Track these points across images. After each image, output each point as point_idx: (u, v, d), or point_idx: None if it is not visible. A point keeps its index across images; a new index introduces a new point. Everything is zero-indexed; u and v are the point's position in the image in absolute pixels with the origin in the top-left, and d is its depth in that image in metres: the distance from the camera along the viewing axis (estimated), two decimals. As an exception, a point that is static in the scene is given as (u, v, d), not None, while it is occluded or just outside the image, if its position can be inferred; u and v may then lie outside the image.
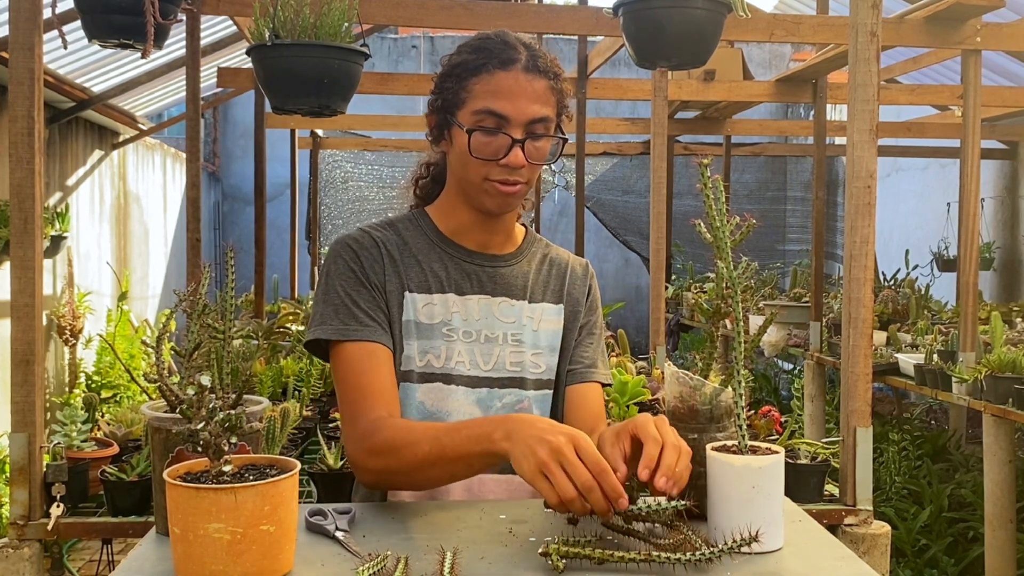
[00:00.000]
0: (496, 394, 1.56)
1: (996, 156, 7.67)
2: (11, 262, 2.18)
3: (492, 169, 1.51)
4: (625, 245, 10.40)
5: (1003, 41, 4.40)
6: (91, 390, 5.90)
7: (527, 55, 1.53)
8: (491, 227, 1.61)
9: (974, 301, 4.23)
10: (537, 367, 1.59)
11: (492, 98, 1.49)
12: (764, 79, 6.84)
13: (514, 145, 1.49)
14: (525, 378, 1.58)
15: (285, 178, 7.48)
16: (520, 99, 1.50)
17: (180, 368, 1.34)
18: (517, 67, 1.51)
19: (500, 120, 1.49)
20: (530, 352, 1.59)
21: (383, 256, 1.57)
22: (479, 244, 1.62)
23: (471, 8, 3.43)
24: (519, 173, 1.52)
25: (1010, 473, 3.90)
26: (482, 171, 1.52)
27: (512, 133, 1.49)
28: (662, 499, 1.21)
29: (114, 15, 2.74)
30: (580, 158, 5.24)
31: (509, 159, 1.49)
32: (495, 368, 1.57)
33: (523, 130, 1.50)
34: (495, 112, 1.49)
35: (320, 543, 1.24)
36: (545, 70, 1.53)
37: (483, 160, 1.51)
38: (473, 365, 1.56)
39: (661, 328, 3.88)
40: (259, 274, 5.34)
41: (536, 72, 1.52)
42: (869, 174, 2.16)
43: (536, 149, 1.53)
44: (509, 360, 1.58)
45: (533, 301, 1.63)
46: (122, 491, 2.25)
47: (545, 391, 1.60)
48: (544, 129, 1.52)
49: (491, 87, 1.50)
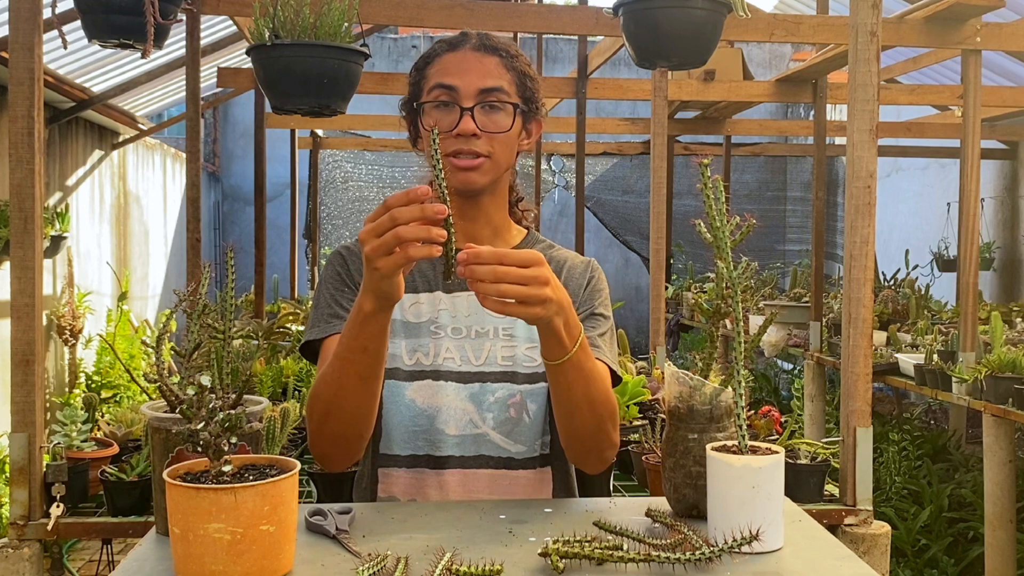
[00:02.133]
0: (488, 388, 1.55)
1: (996, 156, 7.67)
2: (11, 262, 2.18)
3: (448, 143, 1.53)
4: (625, 245, 10.41)
5: (1003, 41, 4.40)
6: (91, 390, 5.90)
7: (477, 38, 1.59)
8: (470, 215, 1.61)
9: (974, 301, 4.23)
10: (532, 360, 1.58)
11: (442, 74, 1.56)
12: (764, 79, 6.84)
13: (464, 114, 1.52)
14: (517, 372, 1.57)
15: (285, 178, 7.49)
16: (468, 73, 1.55)
17: (180, 368, 1.34)
18: (466, 47, 1.58)
19: (451, 93, 1.54)
20: (524, 346, 1.59)
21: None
22: (465, 237, 1.62)
23: (471, 8, 3.43)
24: (476, 145, 1.53)
25: (1010, 473, 3.90)
26: (440, 148, 1.54)
27: (462, 103, 1.53)
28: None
29: (114, 15, 2.74)
30: (580, 158, 5.24)
31: (460, 127, 1.52)
32: (486, 363, 1.57)
33: (473, 99, 1.53)
34: (445, 85, 1.54)
35: (320, 543, 1.24)
36: (496, 48, 1.58)
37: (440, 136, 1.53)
38: (464, 361, 1.56)
39: (661, 328, 3.88)
40: (259, 274, 5.34)
41: (485, 50, 1.58)
42: (869, 174, 2.16)
43: (491, 120, 1.54)
44: (501, 355, 1.58)
45: None
46: (122, 491, 2.25)
47: (541, 384, 1.58)
48: (497, 99, 1.55)
49: (441, 66, 1.57)
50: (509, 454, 1.55)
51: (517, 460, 1.56)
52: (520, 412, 1.55)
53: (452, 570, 1.08)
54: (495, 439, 1.55)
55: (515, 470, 1.56)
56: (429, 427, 1.53)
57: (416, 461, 1.55)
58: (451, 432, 1.53)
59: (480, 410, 1.54)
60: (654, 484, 2.32)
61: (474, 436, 1.54)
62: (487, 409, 1.55)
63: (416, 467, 1.55)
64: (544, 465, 1.59)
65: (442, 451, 1.54)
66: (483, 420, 1.54)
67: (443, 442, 1.53)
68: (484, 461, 1.55)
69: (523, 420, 1.55)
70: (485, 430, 1.54)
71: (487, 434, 1.54)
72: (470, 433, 1.54)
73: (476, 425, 1.54)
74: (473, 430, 1.54)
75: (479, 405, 1.55)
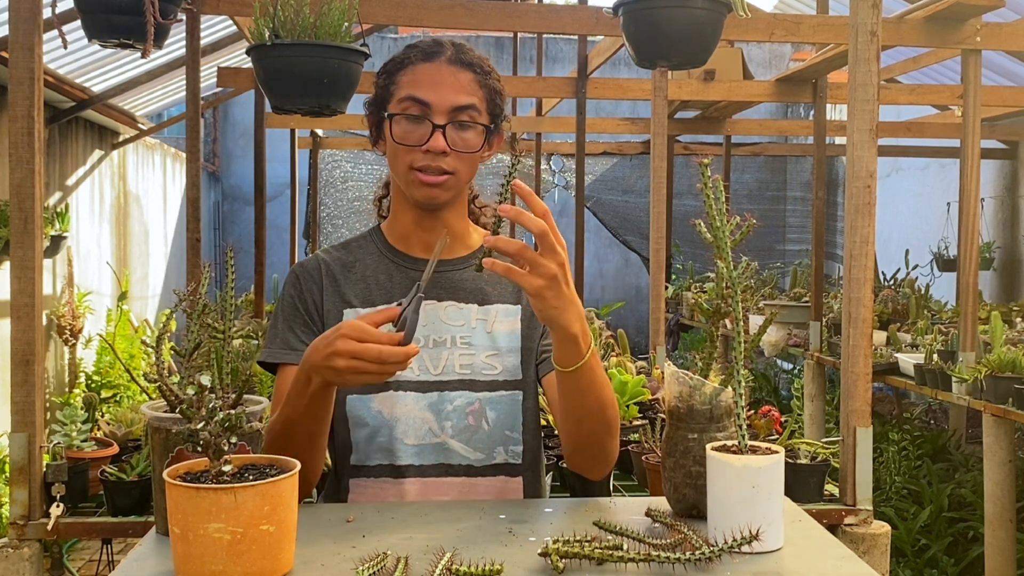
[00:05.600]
0: (447, 397, 1.56)
1: (996, 156, 7.67)
2: (11, 262, 2.18)
3: (416, 157, 1.53)
4: (625, 245, 10.40)
5: (1003, 41, 4.40)
6: (91, 390, 5.90)
7: (453, 50, 1.57)
8: (432, 227, 1.61)
9: (974, 301, 4.23)
10: (492, 368, 1.58)
11: (416, 86, 1.54)
12: (764, 79, 6.84)
13: (435, 130, 1.51)
14: (476, 380, 1.57)
15: (285, 178, 7.48)
16: (442, 88, 1.53)
17: (180, 368, 1.34)
18: (441, 59, 1.56)
19: (423, 107, 1.52)
20: (483, 354, 1.58)
21: (322, 277, 1.62)
22: (424, 249, 1.62)
23: (471, 8, 3.43)
24: (444, 162, 1.53)
25: (1010, 473, 3.90)
26: (407, 159, 1.54)
27: (435, 120, 1.52)
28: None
29: (114, 15, 2.74)
30: (580, 158, 5.24)
31: (430, 144, 1.51)
32: (444, 372, 1.57)
33: (446, 117, 1.52)
34: (418, 99, 1.53)
35: (320, 543, 1.24)
36: (471, 63, 1.57)
37: (408, 148, 1.53)
38: (423, 370, 1.56)
39: (661, 328, 3.88)
40: (259, 274, 5.34)
41: (460, 64, 1.56)
42: (869, 174, 2.16)
43: (461, 138, 1.54)
44: (458, 363, 1.57)
45: (485, 303, 1.62)
46: (122, 491, 2.25)
47: (502, 392, 1.57)
48: (469, 118, 1.54)
49: (415, 76, 1.55)
50: (469, 462, 1.55)
51: (476, 468, 1.56)
52: (479, 420, 1.55)
53: (452, 570, 1.08)
54: (455, 447, 1.55)
55: (475, 477, 1.56)
56: (390, 437, 1.54)
57: (381, 471, 1.55)
58: (409, 442, 1.54)
59: (439, 419, 1.55)
60: (654, 484, 2.32)
61: (433, 445, 1.54)
62: (445, 417, 1.55)
63: (380, 477, 1.55)
64: (512, 475, 1.58)
65: (401, 460, 1.54)
66: (442, 429, 1.54)
67: (402, 451, 1.54)
68: (444, 469, 1.55)
69: (482, 427, 1.55)
70: (444, 439, 1.54)
71: (446, 443, 1.55)
72: (429, 442, 1.54)
73: (435, 434, 1.54)
74: (432, 439, 1.54)
75: (438, 414, 1.55)
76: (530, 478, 1.60)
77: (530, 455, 1.60)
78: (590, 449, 1.47)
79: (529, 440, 1.59)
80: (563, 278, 1.26)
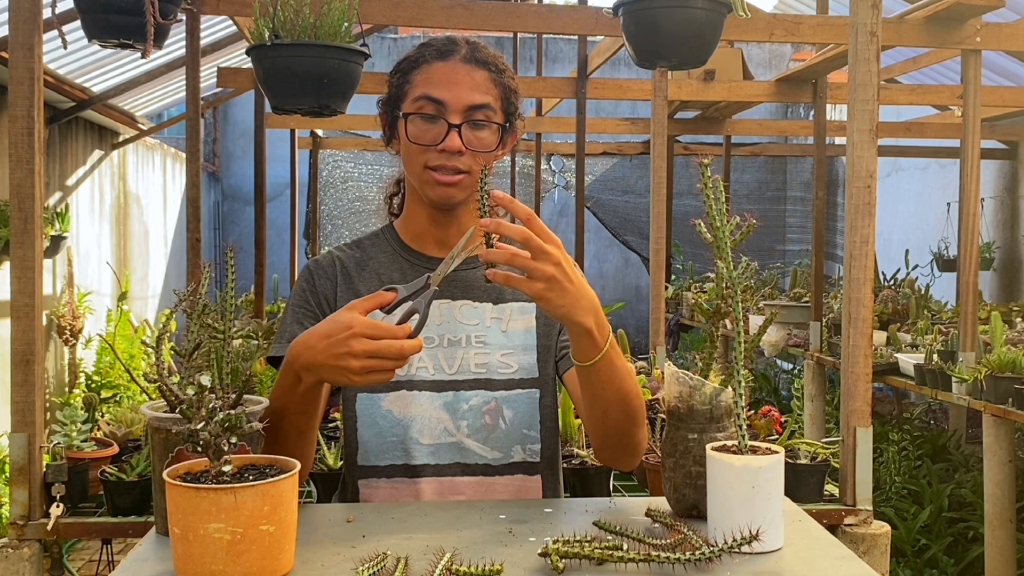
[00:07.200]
0: (462, 396, 1.56)
1: (996, 156, 7.67)
2: (11, 262, 2.18)
3: (431, 156, 1.52)
4: (625, 245, 10.40)
5: (1003, 41, 4.40)
6: (91, 390, 5.90)
7: (467, 48, 1.56)
8: (446, 224, 1.61)
9: (974, 301, 4.23)
10: (507, 367, 1.58)
11: (430, 85, 1.53)
12: (764, 79, 6.83)
13: (451, 130, 1.51)
14: (492, 379, 1.57)
15: (285, 178, 7.48)
16: (458, 87, 1.52)
17: (180, 368, 1.34)
18: (456, 57, 1.55)
19: (438, 106, 1.52)
20: (499, 353, 1.58)
21: (337, 274, 1.61)
22: (439, 247, 1.62)
23: (471, 8, 3.43)
24: (459, 161, 1.52)
25: (1010, 473, 3.90)
26: (422, 159, 1.54)
27: (450, 119, 1.51)
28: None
29: (114, 15, 2.74)
30: (580, 158, 5.24)
31: (446, 144, 1.51)
32: (459, 371, 1.57)
33: (461, 116, 1.52)
34: (432, 98, 1.52)
35: (320, 543, 1.24)
36: (485, 62, 1.56)
37: (422, 147, 1.53)
38: (437, 370, 1.56)
39: (661, 328, 3.88)
40: (259, 274, 5.34)
41: (475, 63, 1.55)
42: (869, 174, 2.16)
43: (476, 138, 1.53)
44: (474, 362, 1.57)
45: (500, 302, 1.62)
46: (122, 491, 2.25)
47: (519, 390, 1.58)
48: (484, 117, 1.54)
49: (429, 75, 1.54)
50: (486, 461, 1.55)
51: (494, 467, 1.55)
52: (496, 418, 1.55)
53: (452, 570, 1.08)
54: (471, 446, 1.55)
55: (492, 476, 1.55)
56: (404, 437, 1.54)
57: (394, 471, 1.55)
58: (425, 441, 1.54)
59: (455, 418, 1.54)
60: (654, 484, 2.32)
61: (449, 444, 1.54)
62: (461, 417, 1.55)
63: (394, 477, 1.55)
64: (531, 473, 1.58)
65: (416, 460, 1.54)
66: (458, 428, 1.54)
67: (417, 451, 1.53)
68: (460, 469, 1.55)
69: (499, 426, 1.55)
70: (460, 438, 1.54)
71: (462, 442, 1.54)
72: (444, 442, 1.54)
73: (451, 433, 1.54)
74: (448, 438, 1.54)
75: (453, 413, 1.55)
76: (548, 476, 1.60)
77: (548, 453, 1.59)
78: (618, 441, 1.47)
79: (547, 438, 1.59)
80: (563, 276, 1.25)
